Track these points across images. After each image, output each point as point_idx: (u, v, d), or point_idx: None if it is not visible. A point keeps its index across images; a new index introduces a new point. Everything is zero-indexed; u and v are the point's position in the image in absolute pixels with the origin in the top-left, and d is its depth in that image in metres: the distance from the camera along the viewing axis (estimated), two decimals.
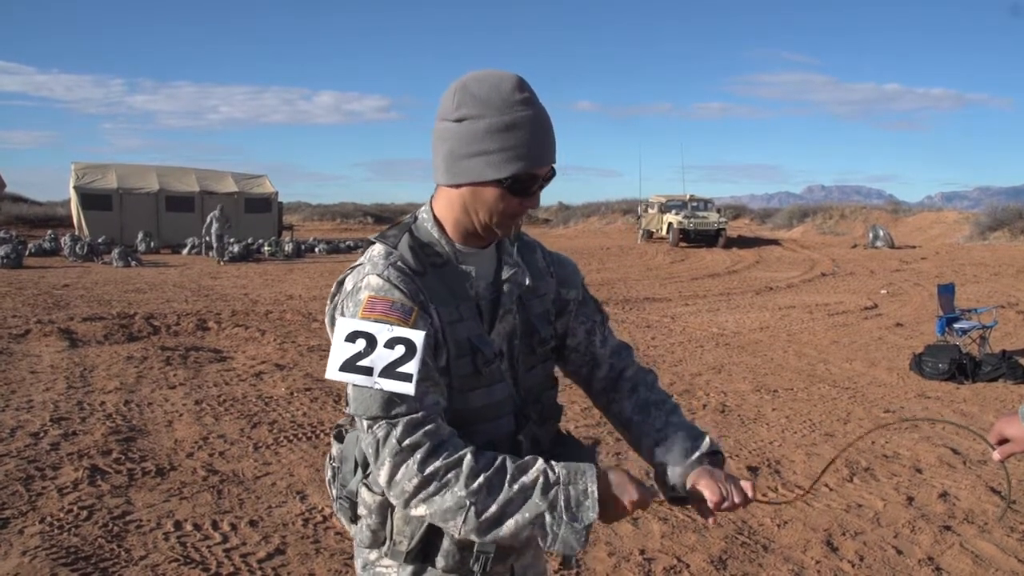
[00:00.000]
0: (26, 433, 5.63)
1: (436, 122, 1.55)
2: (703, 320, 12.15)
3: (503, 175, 1.49)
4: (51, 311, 11.24)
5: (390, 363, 1.43)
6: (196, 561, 3.85)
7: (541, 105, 1.53)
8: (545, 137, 1.52)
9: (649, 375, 1.86)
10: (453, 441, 1.47)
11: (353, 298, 1.51)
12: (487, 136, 1.47)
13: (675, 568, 3.94)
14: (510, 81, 1.49)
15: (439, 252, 1.59)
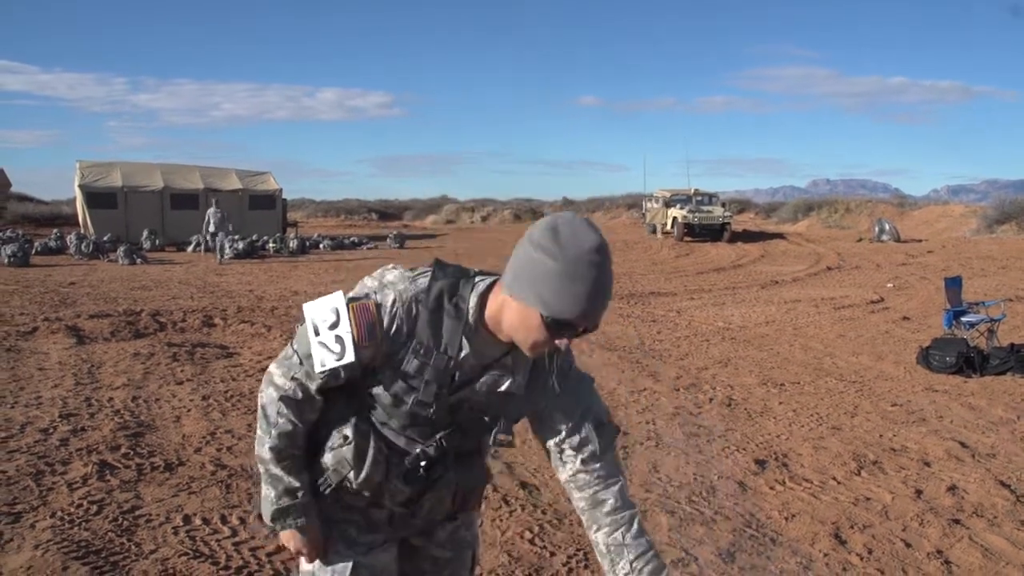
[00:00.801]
0: (36, 429, 5.65)
1: (525, 236, 1.72)
2: (709, 314, 12.14)
3: (549, 313, 1.67)
4: (58, 308, 11.27)
5: (330, 344, 1.79)
6: (205, 555, 3.87)
7: (609, 272, 1.68)
8: (598, 300, 1.67)
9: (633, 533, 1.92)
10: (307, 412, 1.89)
11: (373, 286, 1.84)
12: (553, 276, 1.64)
13: (683, 560, 3.94)
14: (592, 241, 1.65)
15: (461, 310, 1.80)
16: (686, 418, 6.42)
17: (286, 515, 1.91)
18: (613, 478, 1.93)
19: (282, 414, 1.86)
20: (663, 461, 5.38)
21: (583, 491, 1.93)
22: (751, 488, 4.92)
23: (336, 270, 18.48)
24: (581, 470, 1.92)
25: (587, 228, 1.66)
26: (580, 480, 1.93)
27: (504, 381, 1.89)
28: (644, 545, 1.89)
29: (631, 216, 43.30)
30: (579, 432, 1.91)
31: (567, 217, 1.69)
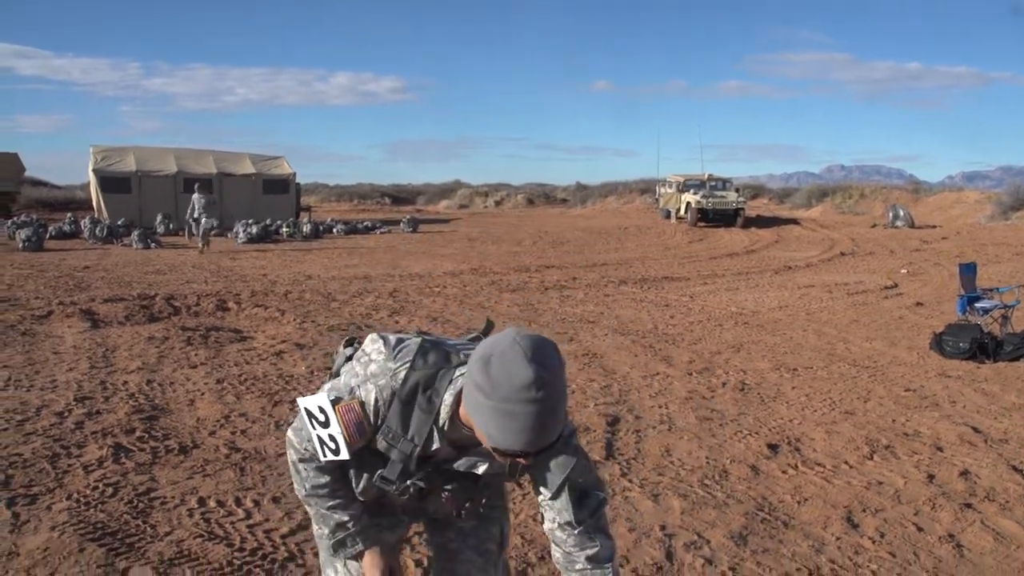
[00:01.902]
0: (51, 412, 5.70)
1: (472, 359, 1.69)
2: (722, 299, 12.11)
3: (492, 444, 1.68)
4: (72, 292, 11.33)
5: (325, 440, 1.90)
6: (220, 536, 3.90)
7: (548, 399, 1.61)
8: (536, 435, 1.63)
9: None
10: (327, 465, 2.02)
11: (356, 380, 1.92)
12: (486, 412, 1.63)
13: (695, 544, 3.95)
14: (523, 378, 1.59)
15: (434, 404, 1.85)
16: (699, 402, 6.41)
17: (343, 546, 2.08)
18: (589, 544, 1.93)
19: (308, 469, 2.03)
20: (676, 445, 5.38)
21: (558, 547, 1.96)
22: (763, 472, 4.92)
23: (349, 254, 18.51)
24: (557, 531, 1.95)
25: (520, 362, 1.59)
26: (556, 537, 1.96)
27: (481, 465, 1.95)
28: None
29: (644, 201, 43.18)
30: (557, 500, 1.92)
31: (501, 348, 1.62)
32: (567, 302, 11.66)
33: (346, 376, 1.95)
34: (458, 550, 2.21)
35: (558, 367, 1.64)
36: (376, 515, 2.15)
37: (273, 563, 3.65)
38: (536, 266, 16.53)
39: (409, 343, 1.91)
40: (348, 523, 2.06)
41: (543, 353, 1.62)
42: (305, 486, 2.04)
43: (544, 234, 26.13)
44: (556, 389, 1.61)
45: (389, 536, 2.17)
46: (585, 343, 8.65)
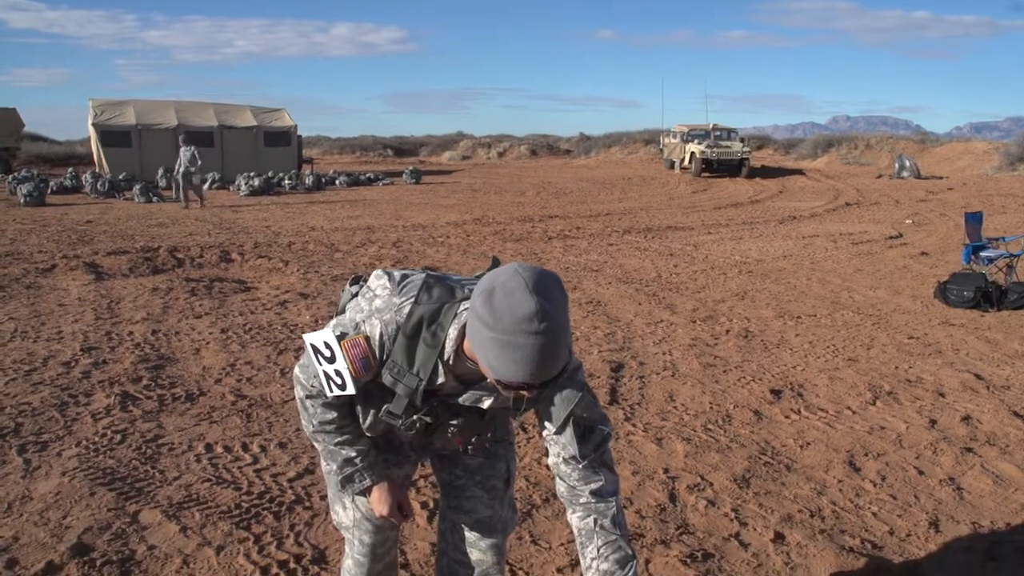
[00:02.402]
0: (58, 362, 5.73)
1: (475, 292, 1.69)
2: (726, 248, 12.08)
3: (495, 376, 1.68)
4: (76, 246, 11.33)
5: (332, 375, 1.90)
6: (228, 481, 3.95)
7: (551, 331, 1.60)
8: (539, 366, 1.62)
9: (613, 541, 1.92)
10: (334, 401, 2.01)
11: (362, 316, 1.91)
12: (488, 343, 1.63)
13: (699, 486, 3.99)
14: (526, 309, 1.58)
15: (438, 338, 1.84)
16: (702, 349, 6.43)
17: (351, 481, 2.11)
18: (594, 478, 1.93)
19: (315, 406, 2.04)
20: (679, 390, 5.41)
21: (562, 481, 1.97)
22: (766, 417, 4.95)
23: (352, 206, 18.45)
24: (562, 465, 1.95)
25: (523, 294, 1.58)
26: (561, 471, 1.96)
27: (486, 400, 1.95)
28: (615, 534, 1.92)
29: (648, 152, 42.90)
30: (562, 435, 1.92)
31: (503, 280, 1.62)
32: (570, 251, 11.65)
33: (351, 312, 1.95)
34: (464, 486, 2.23)
35: (561, 300, 1.63)
36: (384, 451, 2.17)
37: (281, 506, 3.70)
38: (539, 216, 16.48)
39: (413, 279, 1.90)
40: (355, 459, 2.07)
41: (545, 285, 1.61)
42: (313, 422, 2.05)
43: (547, 185, 26.00)
44: (558, 321, 1.60)
45: (397, 472, 2.19)
46: (589, 291, 8.66)
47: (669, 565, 3.26)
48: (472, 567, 2.25)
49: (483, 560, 2.24)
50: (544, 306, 1.57)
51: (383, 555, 2.23)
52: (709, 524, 3.62)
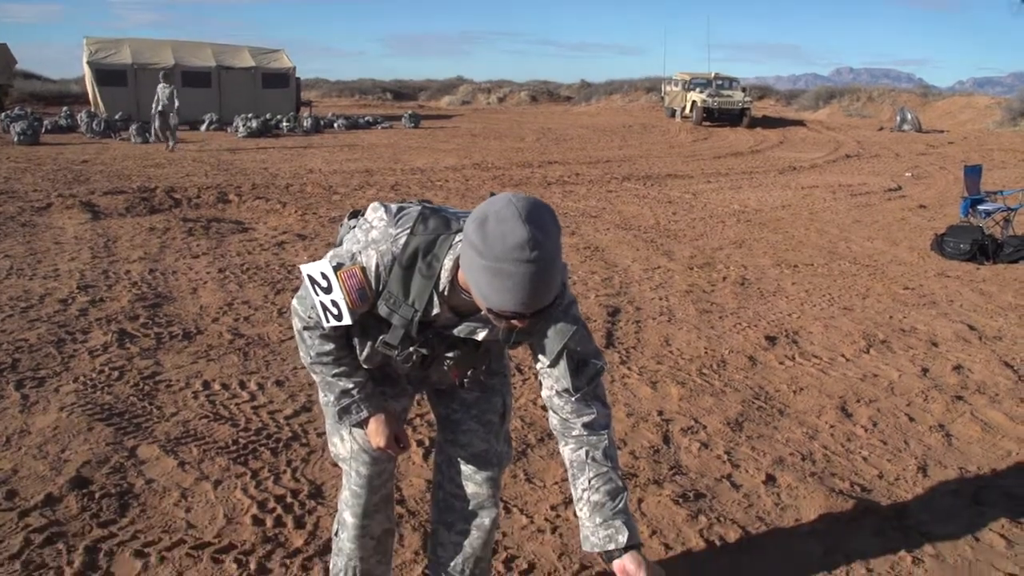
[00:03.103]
0: (55, 300, 5.74)
1: (468, 220, 1.67)
2: (725, 197, 12.05)
3: (487, 305, 1.68)
4: (71, 185, 11.26)
5: (328, 305, 1.90)
6: (225, 417, 3.98)
7: (543, 260, 1.59)
8: (530, 295, 1.62)
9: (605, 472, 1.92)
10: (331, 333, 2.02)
11: (358, 247, 1.91)
12: (480, 272, 1.62)
13: (692, 428, 4.03)
14: (518, 237, 1.56)
15: (433, 269, 1.84)
16: (699, 295, 6.45)
17: (348, 413, 2.12)
18: (586, 411, 1.93)
19: (312, 337, 2.04)
20: (675, 335, 5.43)
21: (555, 414, 1.97)
22: (761, 363, 4.98)
23: (351, 149, 18.31)
24: (555, 398, 1.95)
25: (514, 222, 1.57)
26: (554, 404, 1.96)
27: (480, 332, 1.95)
28: (606, 466, 1.92)
29: (649, 100, 42.53)
30: (556, 368, 1.92)
31: (496, 208, 1.60)
32: (569, 197, 11.61)
33: (348, 243, 1.95)
34: (461, 420, 2.25)
35: (553, 229, 1.62)
36: (381, 384, 2.19)
37: (278, 442, 3.74)
38: (539, 162, 16.38)
39: (410, 210, 1.90)
40: (353, 390, 2.09)
41: (538, 214, 1.60)
42: (310, 354, 2.06)
43: (547, 131, 25.81)
44: (550, 251, 1.60)
45: (394, 405, 2.21)
46: (587, 237, 8.65)
47: (661, 504, 3.30)
48: (468, 500, 2.28)
49: (479, 493, 2.27)
50: (536, 235, 1.56)
51: (379, 487, 2.26)
52: (702, 465, 3.66)
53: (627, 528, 1.84)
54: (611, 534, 1.84)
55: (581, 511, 1.91)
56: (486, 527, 2.31)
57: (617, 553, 1.82)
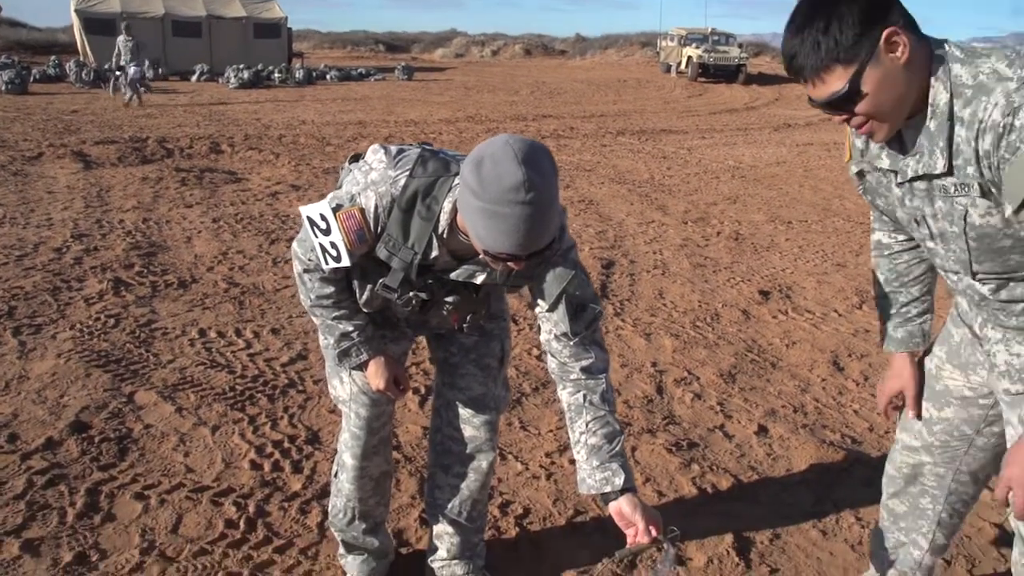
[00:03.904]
0: (49, 248, 5.72)
1: (465, 162, 1.66)
2: (719, 153, 12.01)
3: (483, 246, 1.68)
4: (62, 135, 11.16)
5: (327, 247, 1.90)
6: (222, 365, 4.00)
7: (538, 202, 1.58)
8: (526, 237, 1.61)
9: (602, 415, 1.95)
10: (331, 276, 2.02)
11: (357, 188, 1.89)
12: (476, 213, 1.62)
13: (685, 380, 4.07)
14: (513, 179, 1.56)
15: (432, 211, 1.83)
16: (693, 249, 6.47)
17: (347, 355, 2.12)
18: (584, 355, 1.95)
19: (312, 280, 2.03)
20: (669, 288, 5.46)
21: (553, 358, 1.98)
22: (754, 316, 5.01)
23: (343, 101, 18.16)
24: (553, 342, 1.96)
25: (511, 163, 1.56)
26: (552, 348, 1.97)
27: (479, 275, 1.94)
28: (603, 410, 1.94)
29: (645, 55, 42.14)
30: (554, 312, 1.93)
31: (493, 150, 1.59)
32: (564, 151, 11.56)
33: (347, 184, 1.94)
34: (459, 364, 2.27)
35: (550, 171, 1.62)
36: (381, 328, 2.20)
37: (274, 389, 3.76)
38: (533, 115, 16.29)
39: (409, 152, 1.89)
40: (353, 333, 2.10)
41: (535, 157, 1.59)
42: (310, 296, 2.07)
43: (541, 85, 25.61)
44: (546, 192, 1.59)
45: (394, 348, 2.23)
46: (581, 190, 8.64)
47: (655, 452, 3.35)
48: (465, 443, 2.31)
49: (476, 436, 2.30)
50: (532, 176, 1.56)
51: (378, 429, 2.29)
52: (695, 416, 3.71)
53: (623, 471, 1.87)
54: (607, 476, 1.87)
55: (578, 454, 1.94)
56: (483, 470, 2.34)
57: (613, 496, 1.86)
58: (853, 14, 1.55)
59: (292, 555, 2.63)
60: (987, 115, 1.51)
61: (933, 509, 2.16)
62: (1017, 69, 1.52)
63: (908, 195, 1.77)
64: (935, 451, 2.10)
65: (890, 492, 2.26)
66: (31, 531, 2.68)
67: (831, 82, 1.60)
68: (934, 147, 1.63)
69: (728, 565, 2.69)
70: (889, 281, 2.11)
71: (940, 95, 1.59)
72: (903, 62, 1.57)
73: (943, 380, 2.04)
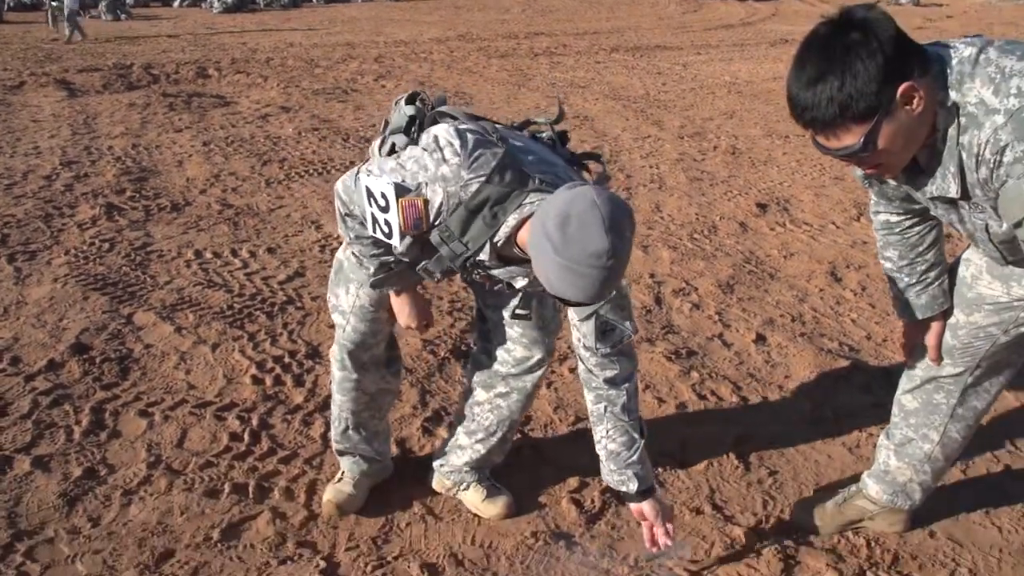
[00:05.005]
0: (38, 176, 5.66)
1: (542, 210, 1.65)
2: (715, 69, 11.83)
3: (549, 290, 1.68)
4: (43, 64, 10.94)
5: (380, 221, 1.87)
6: (219, 284, 3.99)
7: (617, 267, 1.61)
8: (597, 294, 1.64)
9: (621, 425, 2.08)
10: None
11: (425, 177, 1.81)
12: (553, 265, 1.61)
13: (684, 290, 4.08)
14: (599, 246, 1.56)
15: (498, 220, 1.79)
16: (689, 164, 6.42)
17: (384, 283, 2.12)
18: (610, 367, 2.03)
19: (353, 223, 2.01)
20: (666, 202, 5.43)
21: (581, 363, 2.06)
22: (752, 229, 5.00)
23: (331, 22, 17.81)
24: (581, 350, 2.04)
25: (597, 228, 1.56)
26: (580, 354, 2.05)
27: (520, 280, 1.93)
28: (623, 419, 2.07)
29: None
30: (584, 325, 1.98)
31: (580, 210, 1.57)
32: (557, 68, 11.39)
33: (413, 165, 1.84)
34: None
35: (630, 236, 1.63)
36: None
37: (273, 306, 3.76)
38: (525, 33, 16.00)
39: (486, 154, 1.79)
40: (392, 264, 2.07)
41: (620, 221, 1.59)
42: (349, 235, 2.04)
43: (533, 2, 25.08)
44: (625, 258, 1.62)
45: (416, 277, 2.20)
46: (576, 106, 8.53)
47: (654, 361, 3.37)
48: (514, 364, 2.31)
49: (528, 357, 2.30)
50: (617, 244, 1.57)
51: (371, 346, 2.28)
52: (693, 325, 3.72)
53: (637, 479, 2.08)
54: (623, 480, 2.09)
55: (600, 452, 2.13)
56: (528, 391, 2.36)
57: (630, 497, 2.11)
58: (870, 71, 1.53)
59: (297, 465, 2.67)
60: (980, 149, 1.56)
61: (947, 403, 2.18)
62: (1003, 98, 1.54)
63: (931, 206, 1.83)
64: (955, 352, 2.11)
65: (905, 388, 2.27)
66: (40, 448, 2.71)
67: (845, 138, 1.61)
68: (946, 172, 1.66)
69: (728, 468, 2.73)
70: (904, 255, 2.11)
71: (946, 122, 1.62)
72: (917, 113, 1.58)
73: (977, 288, 2.03)
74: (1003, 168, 1.54)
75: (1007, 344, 2.04)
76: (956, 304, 2.08)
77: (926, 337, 2.14)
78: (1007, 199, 1.56)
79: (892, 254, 2.13)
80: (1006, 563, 2.32)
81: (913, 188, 1.80)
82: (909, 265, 2.10)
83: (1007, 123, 1.52)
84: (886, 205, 2.08)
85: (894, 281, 2.16)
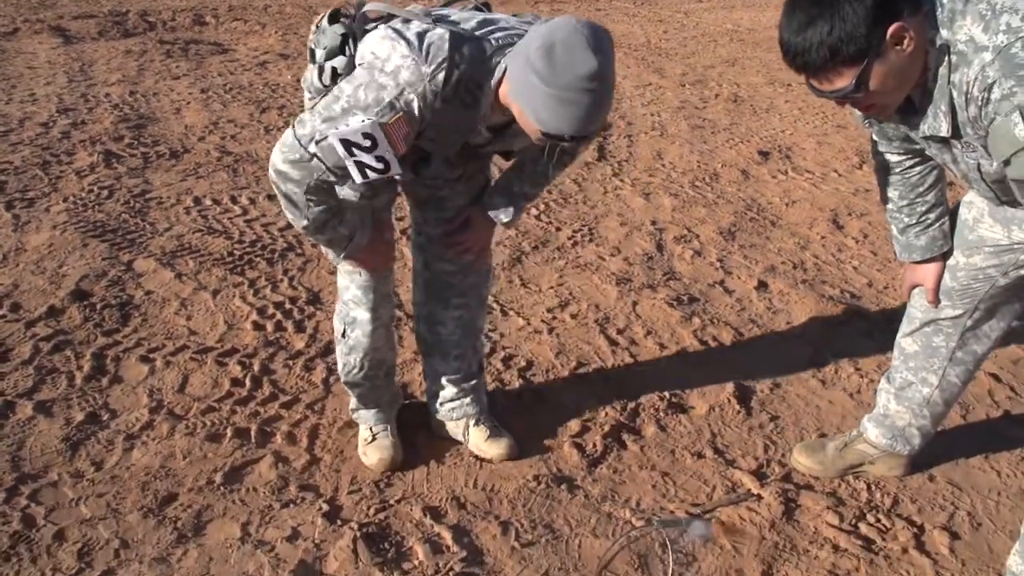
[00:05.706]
0: (35, 123, 5.60)
1: (524, 47, 1.67)
2: (717, 17, 11.67)
3: (543, 128, 1.69)
4: (36, 11, 10.75)
5: (370, 163, 1.81)
6: (219, 231, 3.98)
7: (604, 92, 1.64)
8: (590, 121, 1.67)
9: None
10: None
11: (390, 93, 1.75)
12: (546, 98, 1.63)
13: (685, 237, 4.06)
14: (587, 67, 1.59)
15: (477, 98, 1.79)
16: (691, 111, 6.35)
17: (353, 252, 2.14)
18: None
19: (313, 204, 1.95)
20: (667, 149, 5.39)
21: None
22: (753, 176, 4.97)
23: None
24: None
25: (583, 50, 1.58)
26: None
27: (517, 143, 1.99)
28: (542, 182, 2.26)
29: None
30: None
31: (563, 36, 1.60)
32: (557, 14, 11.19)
33: (370, 90, 1.76)
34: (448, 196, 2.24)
35: (613, 57, 1.66)
36: None
37: (273, 253, 3.76)
38: None
39: (434, 40, 1.75)
40: (353, 234, 2.10)
41: (602, 41, 1.62)
42: (308, 216, 1.98)
43: None
44: (611, 79, 1.65)
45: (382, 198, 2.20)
46: None
47: (656, 307, 3.37)
48: (462, 270, 2.34)
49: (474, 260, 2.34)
50: (603, 64, 1.60)
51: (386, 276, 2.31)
52: (695, 272, 3.72)
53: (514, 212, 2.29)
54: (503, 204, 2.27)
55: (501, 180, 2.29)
56: (482, 294, 2.41)
57: None
58: (859, 14, 1.54)
59: (299, 410, 2.68)
60: (969, 87, 1.57)
61: (947, 346, 2.19)
62: (992, 35, 1.53)
63: (926, 146, 1.84)
64: (954, 294, 2.11)
65: (905, 331, 2.28)
66: (42, 393, 2.72)
67: (837, 81, 1.62)
68: (937, 111, 1.68)
69: (729, 413, 2.75)
70: (904, 195, 2.10)
71: (937, 61, 1.63)
72: (908, 53, 1.58)
73: (979, 231, 2.03)
74: (991, 105, 1.55)
75: (1006, 287, 2.04)
76: (956, 246, 2.08)
77: (924, 278, 2.14)
78: (995, 136, 1.56)
79: (893, 194, 2.13)
80: (1004, 506, 2.35)
81: (908, 128, 1.81)
82: (909, 205, 2.10)
83: (995, 60, 1.52)
84: (887, 145, 2.07)
85: (894, 221, 2.15)
